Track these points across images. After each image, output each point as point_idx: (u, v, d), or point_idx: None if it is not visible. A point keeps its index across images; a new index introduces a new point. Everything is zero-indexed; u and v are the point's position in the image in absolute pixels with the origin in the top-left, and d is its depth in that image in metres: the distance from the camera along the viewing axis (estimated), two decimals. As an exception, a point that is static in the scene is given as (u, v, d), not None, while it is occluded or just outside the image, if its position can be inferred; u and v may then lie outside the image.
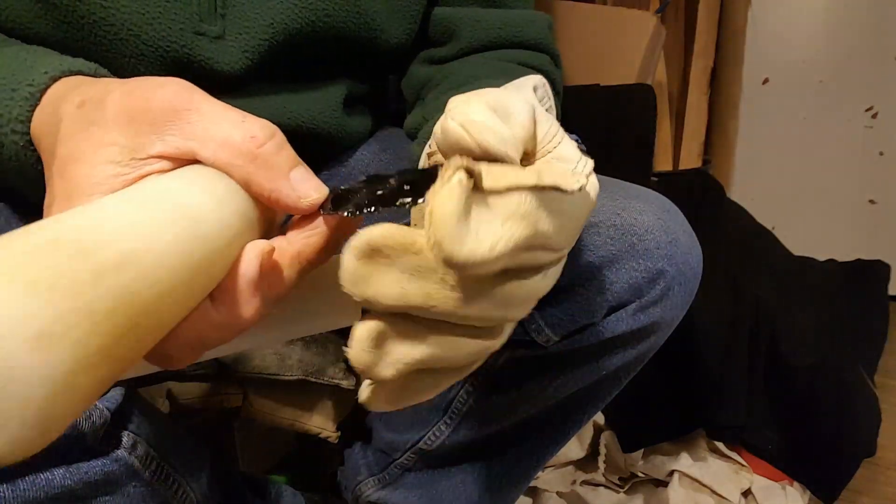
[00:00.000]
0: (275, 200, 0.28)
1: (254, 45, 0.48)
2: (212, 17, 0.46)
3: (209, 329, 0.26)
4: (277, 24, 0.48)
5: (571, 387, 0.55)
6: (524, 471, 0.63)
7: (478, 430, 0.60)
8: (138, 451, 0.42)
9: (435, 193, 0.23)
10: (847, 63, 1.63)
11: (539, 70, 0.57)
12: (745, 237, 1.31)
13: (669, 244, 0.49)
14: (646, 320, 0.51)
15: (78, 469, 0.37)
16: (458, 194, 0.23)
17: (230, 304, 0.27)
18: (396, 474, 0.67)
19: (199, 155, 0.28)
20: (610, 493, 1.01)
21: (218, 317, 0.26)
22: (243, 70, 0.48)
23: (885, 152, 1.64)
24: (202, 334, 0.27)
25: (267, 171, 0.28)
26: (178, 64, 0.46)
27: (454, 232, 0.23)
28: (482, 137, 0.25)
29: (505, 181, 0.24)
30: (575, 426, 0.60)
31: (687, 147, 1.61)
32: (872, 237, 1.69)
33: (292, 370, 0.68)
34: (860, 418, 1.00)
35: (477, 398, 0.59)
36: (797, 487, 1.01)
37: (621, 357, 0.53)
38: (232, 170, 0.28)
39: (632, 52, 1.24)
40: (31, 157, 0.33)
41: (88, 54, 0.43)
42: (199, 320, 0.26)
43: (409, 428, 0.65)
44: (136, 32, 0.44)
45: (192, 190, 0.26)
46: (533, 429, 0.60)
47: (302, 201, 0.28)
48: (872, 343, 1.25)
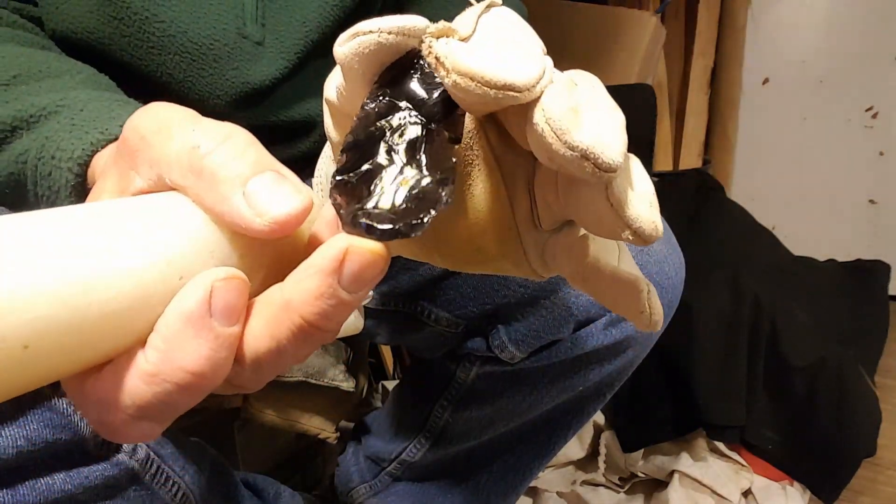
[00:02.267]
0: (230, 224, 0.21)
1: (289, 47, 0.48)
2: (254, 24, 0.47)
3: (138, 382, 0.20)
4: (311, 23, 0.49)
5: (548, 402, 0.55)
6: (511, 483, 0.63)
7: (458, 444, 0.61)
8: (139, 455, 0.42)
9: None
10: (847, 63, 1.63)
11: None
12: (745, 237, 1.31)
13: (640, 253, 0.48)
14: (618, 335, 0.49)
15: (78, 474, 0.37)
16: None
17: (161, 347, 0.20)
18: (387, 482, 0.67)
19: (162, 182, 0.23)
20: (610, 493, 1.01)
21: (146, 364, 0.20)
22: (278, 74, 0.48)
23: (885, 152, 1.64)
24: (132, 390, 0.20)
25: (213, 186, 0.21)
26: (220, 63, 0.47)
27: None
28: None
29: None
30: (561, 440, 0.60)
31: (687, 147, 1.61)
32: (872, 237, 1.69)
33: (292, 372, 0.68)
34: (860, 418, 1.00)
35: (452, 413, 0.59)
36: (797, 487, 1.01)
37: (598, 373, 0.52)
38: (187, 193, 0.22)
39: (632, 52, 1.24)
40: (74, 198, 0.32)
41: (136, 51, 0.44)
42: (122, 370, 0.20)
43: (394, 438, 0.65)
44: (183, 29, 0.44)
45: (122, 228, 0.21)
46: (518, 442, 0.60)
47: (255, 221, 0.21)
48: (872, 343, 1.25)
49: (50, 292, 0.18)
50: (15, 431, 0.34)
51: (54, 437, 0.35)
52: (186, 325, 0.20)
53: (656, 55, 1.33)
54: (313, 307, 0.20)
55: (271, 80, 0.48)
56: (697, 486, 1.00)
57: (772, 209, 1.72)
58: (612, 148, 0.20)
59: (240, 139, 0.22)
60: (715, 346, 1.05)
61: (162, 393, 0.20)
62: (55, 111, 0.35)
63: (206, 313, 0.20)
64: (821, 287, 1.28)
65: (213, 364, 0.20)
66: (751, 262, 1.19)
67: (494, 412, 0.57)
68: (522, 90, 0.20)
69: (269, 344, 0.21)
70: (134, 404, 0.20)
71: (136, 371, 0.20)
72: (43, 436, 0.35)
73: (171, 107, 0.24)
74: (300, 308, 0.20)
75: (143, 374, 0.20)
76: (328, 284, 0.20)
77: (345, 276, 0.20)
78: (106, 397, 0.20)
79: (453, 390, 0.58)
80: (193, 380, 0.20)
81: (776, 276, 1.20)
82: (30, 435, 0.34)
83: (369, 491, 0.69)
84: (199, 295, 0.20)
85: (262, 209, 0.21)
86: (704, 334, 1.05)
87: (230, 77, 0.47)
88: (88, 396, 0.21)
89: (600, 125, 0.21)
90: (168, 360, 0.20)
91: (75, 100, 0.35)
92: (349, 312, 0.21)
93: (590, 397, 0.56)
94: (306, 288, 0.20)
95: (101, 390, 0.20)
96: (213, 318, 0.20)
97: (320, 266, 0.20)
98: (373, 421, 0.72)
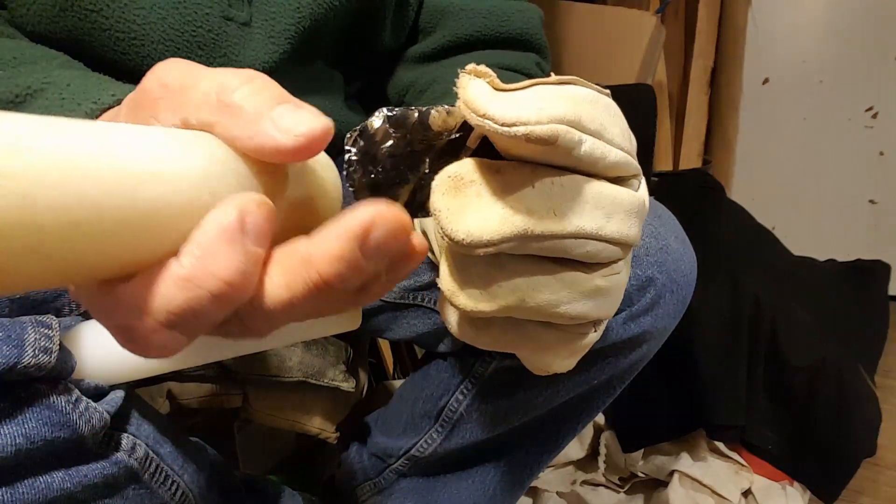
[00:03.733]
0: (258, 149, 0.23)
1: (280, 32, 0.48)
2: (240, 4, 0.46)
3: (172, 287, 0.21)
4: (304, 8, 0.48)
5: (563, 396, 0.55)
6: (518, 478, 0.63)
7: (470, 438, 0.60)
8: (138, 454, 0.42)
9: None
10: (847, 63, 1.63)
11: (522, 72, 0.57)
12: (745, 237, 1.31)
13: (660, 251, 0.48)
14: (636, 329, 0.50)
15: (77, 472, 0.37)
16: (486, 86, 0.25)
17: (197, 254, 0.21)
18: (391, 479, 0.67)
19: (189, 124, 0.24)
20: (610, 493, 1.01)
21: (181, 269, 0.21)
22: (269, 60, 0.48)
23: (885, 152, 1.64)
24: (165, 294, 0.21)
25: (242, 117, 0.23)
26: (205, 50, 0.46)
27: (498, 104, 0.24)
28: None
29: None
30: (569, 434, 0.60)
31: (687, 147, 1.61)
32: (872, 237, 1.69)
33: (292, 372, 0.68)
34: (860, 418, 1.00)
35: (468, 406, 0.59)
36: (797, 487, 1.01)
37: (613, 366, 0.53)
38: (214, 129, 0.24)
39: (632, 52, 1.24)
40: None
41: (117, 44, 0.43)
42: (156, 275, 0.21)
43: (402, 434, 0.65)
44: (163, 16, 0.44)
45: (161, 140, 0.22)
46: (526, 437, 0.60)
47: (283, 139, 0.22)
48: (872, 343, 1.25)
49: (106, 177, 0.20)
50: (14, 429, 0.34)
51: (53, 436, 0.35)
52: (222, 237, 0.21)
53: (656, 55, 1.33)
54: (332, 267, 0.22)
55: (261, 65, 0.47)
56: (697, 486, 1.00)
57: (772, 209, 1.72)
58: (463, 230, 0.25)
59: (261, 80, 0.24)
60: (715, 346, 1.05)
61: (194, 299, 0.21)
62: (41, 89, 0.35)
63: (241, 229, 0.21)
64: (821, 287, 1.28)
65: (244, 276, 0.21)
66: (751, 262, 1.19)
67: (510, 406, 0.57)
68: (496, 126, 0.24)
69: (283, 292, 0.22)
70: (165, 310, 0.21)
71: (169, 276, 0.21)
72: (42, 434, 0.35)
73: (190, 62, 0.26)
74: (319, 265, 0.22)
75: (177, 278, 0.21)
76: (351, 249, 0.21)
77: (369, 243, 0.22)
78: (137, 302, 0.21)
79: (470, 384, 0.58)
80: (225, 288, 0.21)
81: (776, 276, 1.20)
82: (28, 433, 0.34)
83: (373, 489, 0.68)
84: (235, 212, 0.21)
85: (288, 127, 0.22)
86: (704, 334, 1.05)
87: (217, 64, 0.46)
88: (119, 300, 0.22)
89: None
90: (203, 266, 0.21)
91: (59, 77, 0.35)
92: (363, 278, 0.23)
93: (601, 390, 0.56)
94: (329, 247, 0.22)
95: (133, 294, 0.21)
96: (245, 236, 0.21)
97: (346, 228, 0.22)
98: (377, 418, 0.72)
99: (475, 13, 0.57)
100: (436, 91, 0.54)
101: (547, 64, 0.61)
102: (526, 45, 0.59)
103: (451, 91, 0.52)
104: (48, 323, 0.35)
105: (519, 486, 0.64)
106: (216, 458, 0.56)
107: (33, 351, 0.34)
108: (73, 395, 0.36)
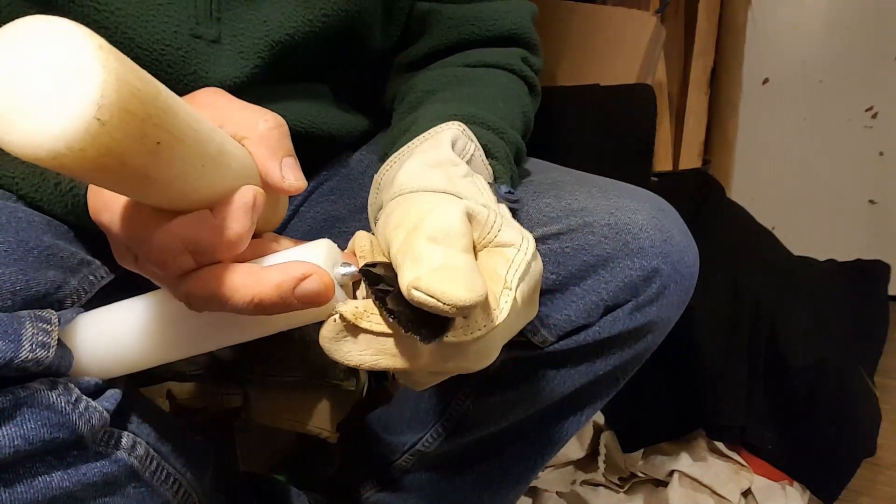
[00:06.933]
0: (265, 174, 0.35)
1: (250, 47, 0.47)
2: (208, 21, 0.46)
3: (204, 230, 0.31)
4: (273, 24, 0.48)
5: (568, 387, 0.55)
6: (522, 472, 0.63)
7: (475, 433, 0.60)
8: (138, 452, 0.41)
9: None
10: (847, 63, 1.63)
11: (505, 68, 0.57)
12: (745, 237, 1.31)
13: (664, 242, 0.49)
14: (642, 320, 0.51)
15: (77, 471, 0.37)
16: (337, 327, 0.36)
17: (226, 214, 0.32)
18: (395, 476, 0.66)
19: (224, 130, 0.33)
20: (610, 493, 1.01)
21: (213, 220, 0.32)
22: (240, 75, 0.47)
23: (885, 152, 1.64)
24: (196, 234, 0.31)
25: (267, 149, 0.35)
26: (174, 68, 0.46)
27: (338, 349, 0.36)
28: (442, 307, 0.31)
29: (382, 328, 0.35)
30: (573, 427, 0.60)
31: (687, 147, 1.61)
32: (872, 237, 1.69)
33: (292, 371, 0.68)
34: (860, 418, 1.00)
35: (474, 400, 0.59)
36: (797, 487, 1.01)
37: (618, 357, 0.53)
38: (245, 142, 0.35)
39: (632, 52, 1.24)
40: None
41: None
42: (197, 218, 0.31)
43: (406, 430, 0.65)
44: (130, 35, 0.43)
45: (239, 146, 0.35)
46: (530, 430, 0.60)
47: (284, 182, 0.35)
48: (872, 343, 1.25)
49: (202, 128, 0.30)
50: (12, 431, 0.33)
51: (52, 437, 0.35)
52: (243, 207, 0.33)
53: (656, 55, 1.33)
54: (271, 290, 0.33)
55: (232, 81, 0.47)
56: (697, 486, 1.00)
57: (772, 209, 1.72)
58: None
59: (285, 129, 0.36)
60: (715, 346, 1.05)
61: (214, 247, 0.32)
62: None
63: (252, 206, 0.33)
64: (821, 287, 1.28)
65: (248, 232, 0.33)
66: (751, 262, 1.19)
67: (517, 397, 0.56)
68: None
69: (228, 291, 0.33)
70: (197, 247, 0.32)
71: (205, 222, 0.32)
72: (41, 435, 0.34)
73: (221, 91, 0.37)
74: (259, 290, 0.33)
75: (209, 227, 0.32)
76: (287, 289, 0.33)
77: (297, 292, 0.33)
78: (182, 235, 0.32)
79: (478, 376, 0.58)
80: (233, 246, 0.33)
81: (776, 276, 1.20)
82: (27, 434, 0.34)
83: (377, 486, 0.68)
84: (251, 193, 0.33)
85: (286, 176, 0.36)
86: (704, 334, 1.05)
87: (188, 82, 0.46)
88: (170, 229, 0.31)
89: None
90: (228, 224, 0.32)
91: None
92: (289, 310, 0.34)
93: (605, 382, 0.56)
94: (271, 280, 0.33)
95: (184, 225, 0.32)
96: (254, 210, 0.33)
97: (286, 276, 0.33)
98: (380, 415, 0.71)
99: (463, 20, 0.57)
100: (407, 104, 0.55)
101: (536, 58, 0.61)
102: (513, 42, 0.59)
103: (422, 98, 0.53)
104: (47, 318, 0.35)
105: (523, 479, 0.64)
106: (220, 457, 0.56)
107: (30, 346, 0.33)
108: (73, 395, 0.36)
